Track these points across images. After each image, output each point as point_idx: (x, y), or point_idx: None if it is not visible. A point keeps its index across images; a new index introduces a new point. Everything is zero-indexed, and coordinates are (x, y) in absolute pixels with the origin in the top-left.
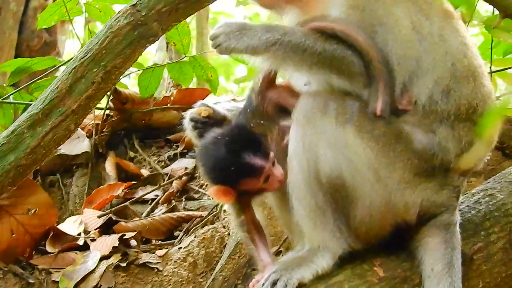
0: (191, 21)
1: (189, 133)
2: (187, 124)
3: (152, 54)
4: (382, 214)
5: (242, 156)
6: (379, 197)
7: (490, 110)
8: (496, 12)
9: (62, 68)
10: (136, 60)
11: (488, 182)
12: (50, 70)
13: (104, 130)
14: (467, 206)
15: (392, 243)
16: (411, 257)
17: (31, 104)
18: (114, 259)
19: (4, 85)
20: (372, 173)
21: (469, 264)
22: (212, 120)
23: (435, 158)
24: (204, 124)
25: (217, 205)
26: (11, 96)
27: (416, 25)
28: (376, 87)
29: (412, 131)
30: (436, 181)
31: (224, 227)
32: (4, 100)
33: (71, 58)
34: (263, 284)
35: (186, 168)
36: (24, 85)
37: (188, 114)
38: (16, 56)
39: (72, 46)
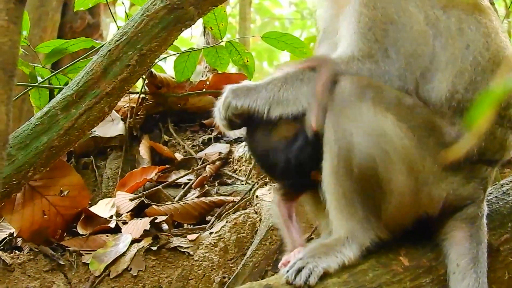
0: (235, 6)
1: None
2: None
3: (196, 37)
4: (408, 206)
5: None
6: (408, 190)
7: (479, 100)
8: None
9: None
10: (172, 43)
11: None
12: (90, 52)
13: (139, 113)
14: (495, 197)
15: (418, 233)
16: (437, 248)
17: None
18: (145, 243)
19: (40, 66)
20: (406, 165)
21: (495, 255)
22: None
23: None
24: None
25: (249, 191)
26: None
27: (431, 19)
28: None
29: (442, 124)
30: (463, 174)
31: (256, 213)
32: (39, 84)
33: (107, 41)
34: (288, 271)
35: (220, 153)
36: (62, 68)
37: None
38: (59, 38)
39: (116, 28)
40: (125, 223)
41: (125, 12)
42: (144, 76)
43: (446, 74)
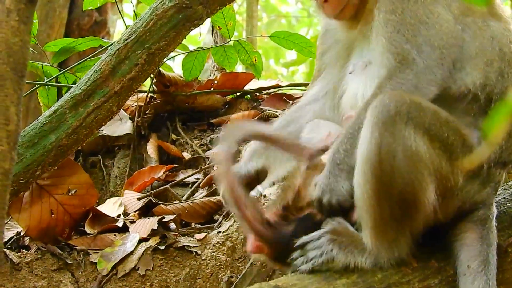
0: (242, 4)
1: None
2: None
3: (203, 34)
4: (429, 219)
5: None
6: (438, 205)
7: (497, 109)
8: None
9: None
10: (180, 43)
11: None
12: (99, 50)
13: (147, 112)
14: (504, 198)
15: (427, 234)
16: (445, 248)
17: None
18: (152, 242)
19: (49, 64)
20: (440, 184)
21: (504, 256)
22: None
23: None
24: None
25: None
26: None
27: (458, 16)
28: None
29: (469, 133)
30: (480, 179)
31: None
32: (48, 82)
33: (116, 40)
34: (308, 239)
35: None
36: (70, 67)
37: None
38: (66, 35)
39: (123, 26)
40: (132, 222)
41: (133, 11)
42: (152, 75)
43: (478, 62)
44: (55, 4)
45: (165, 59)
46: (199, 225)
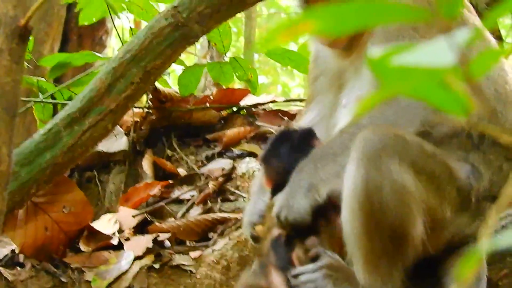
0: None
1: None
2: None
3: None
4: (419, 252)
5: None
6: (426, 238)
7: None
8: None
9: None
10: (175, 60)
11: None
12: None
13: (142, 127)
14: (494, 231)
15: (419, 268)
16: (436, 283)
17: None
18: (147, 260)
19: (44, 79)
20: (429, 217)
21: None
22: None
23: (473, 190)
24: None
25: None
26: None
27: None
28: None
29: (457, 166)
30: (469, 212)
31: None
32: (44, 100)
33: (112, 57)
34: (303, 271)
35: (223, 169)
36: (65, 83)
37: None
38: (64, 33)
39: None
40: (127, 239)
41: (130, 27)
42: (148, 91)
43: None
44: (53, 2)
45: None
46: (194, 243)
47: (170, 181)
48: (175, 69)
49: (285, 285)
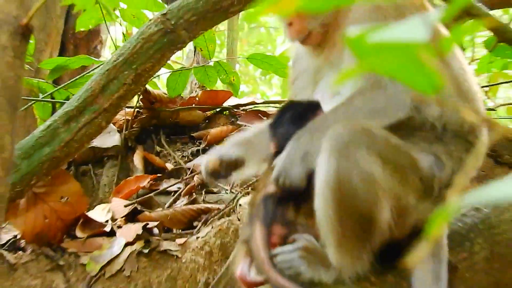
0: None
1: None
2: (204, 174)
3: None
4: (386, 237)
5: None
6: (393, 225)
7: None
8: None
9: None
10: (164, 64)
11: None
12: (92, 69)
13: (134, 126)
14: (455, 218)
15: (386, 251)
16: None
17: (66, 101)
18: (137, 246)
19: (44, 81)
20: (395, 204)
21: (454, 272)
22: (222, 169)
23: (435, 179)
24: (217, 173)
25: (233, 199)
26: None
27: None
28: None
29: (421, 158)
30: (432, 199)
31: (239, 220)
32: (43, 99)
33: (106, 60)
34: (280, 251)
35: None
36: (63, 84)
37: (203, 165)
38: (62, 43)
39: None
40: (119, 227)
41: (123, 33)
42: (139, 92)
43: (438, 97)
44: (52, 14)
45: (152, 78)
46: (180, 231)
47: (159, 175)
48: (164, 73)
49: (264, 239)
